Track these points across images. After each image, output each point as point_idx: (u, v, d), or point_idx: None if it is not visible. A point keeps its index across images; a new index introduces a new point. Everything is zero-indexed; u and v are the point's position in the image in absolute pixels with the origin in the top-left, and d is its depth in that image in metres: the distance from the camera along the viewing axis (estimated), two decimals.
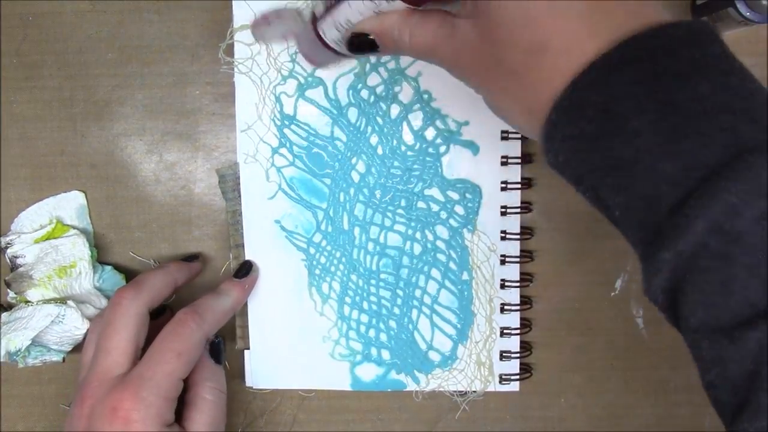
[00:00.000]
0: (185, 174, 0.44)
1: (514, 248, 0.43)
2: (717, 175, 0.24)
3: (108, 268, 0.43)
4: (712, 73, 0.25)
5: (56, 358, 0.42)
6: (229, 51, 0.42)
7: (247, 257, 0.43)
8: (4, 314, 0.42)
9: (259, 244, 0.43)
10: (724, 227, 0.24)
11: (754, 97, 0.26)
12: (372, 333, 0.44)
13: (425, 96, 0.42)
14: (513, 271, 0.43)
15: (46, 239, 0.43)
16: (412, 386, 0.44)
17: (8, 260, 0.43)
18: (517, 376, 0.44)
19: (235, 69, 0.41)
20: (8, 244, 0.42)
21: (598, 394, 0.45)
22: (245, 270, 0.43)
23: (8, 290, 0.42)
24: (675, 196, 0.24)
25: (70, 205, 0.44)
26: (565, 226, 0.45)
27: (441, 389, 0.44)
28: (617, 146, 0.26)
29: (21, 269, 0.42)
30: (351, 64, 0.42)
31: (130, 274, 0.44)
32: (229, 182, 0.43)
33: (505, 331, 0.43)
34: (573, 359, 0.45)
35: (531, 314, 0.44)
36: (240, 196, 0.43)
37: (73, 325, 0.41)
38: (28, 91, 0.44)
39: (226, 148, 0.44)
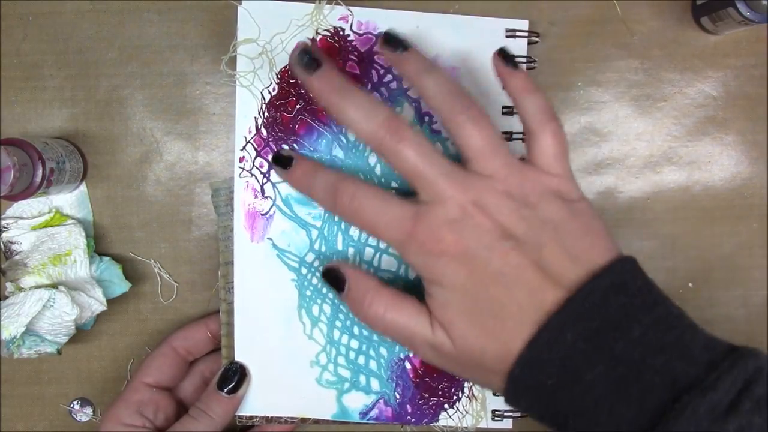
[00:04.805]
0: (185, 174, 0.44)
1: None
2: (665, 415, 0.28)
3: (106, 258, 0.43)
4: (641, 312, 0.30)
5: (50, 349, 0.42)
6: (231, 62, 0.41)
7: (236, 275, 0.41)
8: (3, 301, 0.42)
9: (249, 261, 0.41)
10: None
11: (680, 321, 0.31)
12: (362, 360, 0.42)
13: (426, 118, 0.41)
14: None
15: (44, 227, 0.43)
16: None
17: (2, 245, 0.42)
18: (510, 413, 0.42)
19: (237, 82, 0.40)
20: (4, 228, 0.42)
21: None
22: (235, 382, 0.40)
23: (4, 279, 0.42)
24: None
25: (71, 192, 0.44)
26: None
27: (431, 423, 0.43)
28: (577, 396, 0.30)
29: (17, 257, 0.42)
30: None
31: (128, 267, 0.44)
32: (223, 196, 0.42)
33: None
34: None
35: None
36: (233, 211, 0.41)
37: (63, 310, 0.41)
38: (28, 91, 0.44)
39: (226, 148, 0.44)
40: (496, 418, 0.42)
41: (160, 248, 0.45)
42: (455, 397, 0.42)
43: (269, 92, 0.41)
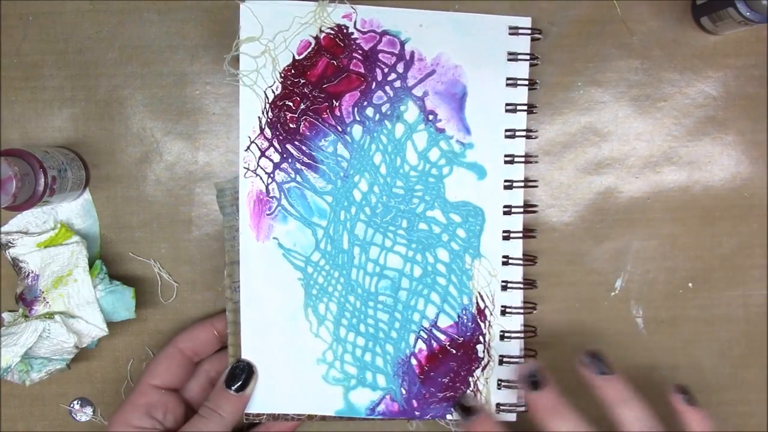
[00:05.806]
0: (185, 174, 0.44)
1: (516, 274, 0.43)
2: None
3: (118, 283, 0.43)
4: None
5: (59, 365, 0.42)
6: (234, 62, 0.41)
7: (243, 275, 0.41)
8: (3, 329, 0.42)
9: (255, 261, 0.41)
10: None
11: None
12: (368, 357, 0.42)
13: (430, 116, 0.41)
14: (515, 298, 0.43)
15: (49, 245, 0.42)
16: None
17: (10, 259, 0.42)
18: (514, 407, 0.43)
19: (240, 81, 0.40)
20: (9, 243, 0.42)
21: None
22: (242, 380, 0.41)
23: (19, 304, 0.42)
24: None
25: (76, 201, 0.44)
26: (564, 227, 0.45)
27: (437, 417, 0.43)
28: None
29: (30, 282, 0.42)
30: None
31: (128, 266, 0.44)
32: (228, 196, 0.42)
33: (504, 359, 0.43)
34: (572, 359, 0.44)
35: (530, 317, 0.44)
36: (238, 211, 0.41)
37: (60, 339, 0.41)
38: (28, 91, 0.44)
39: (226, 148, 0.44)
40: (500, 412, 0.43)
41: (160, 248, 0.45)
42: (460, 392, 0.43)
43: (272, 91, 0.41)
